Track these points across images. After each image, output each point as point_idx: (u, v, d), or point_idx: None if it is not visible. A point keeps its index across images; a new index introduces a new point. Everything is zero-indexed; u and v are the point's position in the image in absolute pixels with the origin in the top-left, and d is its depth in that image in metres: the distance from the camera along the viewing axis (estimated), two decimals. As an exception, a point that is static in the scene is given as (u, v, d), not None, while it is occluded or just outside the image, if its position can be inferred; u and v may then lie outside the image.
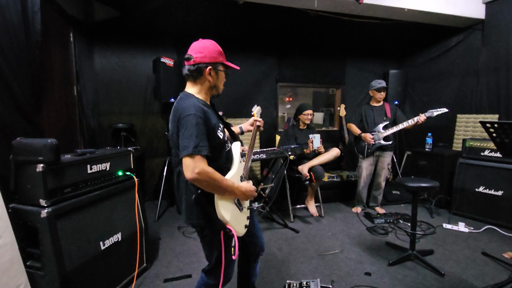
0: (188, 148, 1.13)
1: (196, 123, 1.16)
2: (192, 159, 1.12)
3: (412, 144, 4.56)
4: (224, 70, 1.38)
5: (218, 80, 1.36)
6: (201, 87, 1.33)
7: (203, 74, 1.30)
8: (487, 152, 3.26)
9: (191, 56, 1.29)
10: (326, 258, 2.42)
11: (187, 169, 1.12)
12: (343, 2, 3.00)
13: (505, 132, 1.72)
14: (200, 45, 1.33)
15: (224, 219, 1.21)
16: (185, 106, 1.21)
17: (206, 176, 1.13)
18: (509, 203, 2.99)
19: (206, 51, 1.31)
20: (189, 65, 1.30)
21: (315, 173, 3.04)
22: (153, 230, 2.90)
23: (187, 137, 1.14)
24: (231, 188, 1.23)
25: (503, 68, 3.53)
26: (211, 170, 1.15)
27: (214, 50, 1.33)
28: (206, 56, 1.29)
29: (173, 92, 3.46)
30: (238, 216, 1.31)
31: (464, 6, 3.55)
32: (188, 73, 1.32)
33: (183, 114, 1.19)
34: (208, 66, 1.29)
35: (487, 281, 2.06)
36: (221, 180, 1.18)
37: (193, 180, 1.13)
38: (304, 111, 3.32)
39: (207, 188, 1.17)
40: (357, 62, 4.81)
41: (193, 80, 1.33)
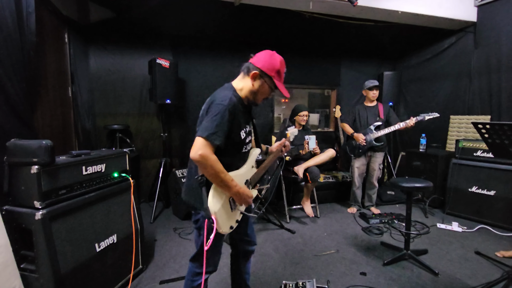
0: (205, 131, 1.19)
1: (223, 114, 1.22)
2: (203, 141, 1.18)
3: (406, 145, 4.62)
4: (269, 86, 1.38)
5: (258, 89, 1.37)
6: (245, 85, 1.38)
7: (249, 74, 1.35)
8: (479, 152, 3.31)
9: (252, 56, 1.40)
10: (322, 259, 2.43)
11: (194, 147, 1.18)
12: (338, 4, 3.03)
13: (497, 133, 1.75)
14: (266, 53, 1.39)
15: (211, 208, 1.23)
16: (222, 95, 1.28)
17: (206, 161, 1.17)
18: (501, 203, 3.04)
19: (265, 59, 1.36)
20: (248, 62, 1.39)
21: (310, 174, 3.06)
22: (148, 232, 2.88)
23: (210, 122, 1.21)
24: (227, 182, 1.25)
25: (494, 70, 3.59)
26: (214, 158, 1.19)
27: (272, 64, 1.35)
28: (260, 62, 1.35)
29: (169, 93, 3.45)
30: (227, 213, 1.33)
31: (457, 9, 3.60)
32: (242, 67, 1.41)
33: (216, 101, 1.26)
34: (257, 70, 1.34)
35: (480, 279, 2.09)
36: (219, 171, 1.22)
37: (194, 159, 1.18)
38: (299, 112, 3.34)
39: (205, 173, 1.22)
40: (352, 64, 4.86)
41: (243, 76, 1.40)
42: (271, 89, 1.39)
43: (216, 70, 4.17)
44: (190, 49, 4.03)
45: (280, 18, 3.46)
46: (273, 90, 1.40)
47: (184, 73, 4.00)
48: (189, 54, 4.03)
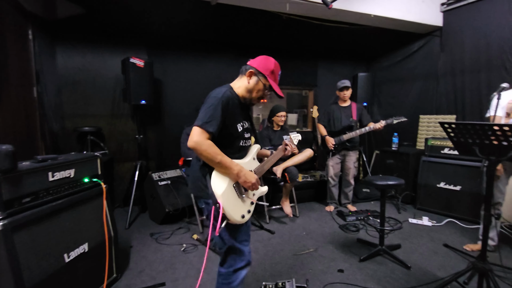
0: (199, 120, 1.30)
1: (216, 105, 1.32)
2: (198, 129, 1.28)
3: (380, 144, 4.79)
4: (264, 84, 1.47)
5: (254, 87, 1.47)
6: (241, 84, 1.48)
7: (245, 74, 1.47)
8: (446, 150, 3.51)
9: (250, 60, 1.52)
10: (301, 258, 2.46)
11: (191, 136, 1.28)
12: (313, 6, 3.08)
13: (461, 132, 1.85)
14: (261, 56, 1.51)
15: (215, 191, 1.30)
16: (217, 91, 1.39)
17: (201, 146, 1.26)
18: (466, 197, 3.23)
19: (260, 60, 1.48)
20: (246, 65, 1.50)
21: (289, 174, 3.09)
22: (123, 238, 2.77)
23: (204, 112, 1.31)
24: (226, 163, 1.32)
25: (458, 73, 3.82)
26: (208, 143, 1.28)
27: (268, 65, 1.47)
28: (256, 62, 1.48)
29: (144, 94, 3.34)
30: (235, 200, 1.38)
31: (424, 14, 3.80)
32: (240, 70, 1.51)
33: (212, 94, 1.38)
34: (252, 69, 1.45)
35: (448, 271, 2.21)
36: (216, 154, 1.29)
37: (192, 147, 1.27)
38: (277, 112, 3.36)
39: (203, 159, 1.31)
40: (329, 65, 4.97)
41: (239, 77, 1.51)
42: (265, 87, 1.48)
43: (194, 70, 4.10)
44: (166, 49, 3.92)
45: (258, 19, 3.46)
46: (267, 88, 1.48)
47: (160, 73, 3.89)
48: (165, 54, 3.93)
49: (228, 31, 3.92)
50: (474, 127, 1.76)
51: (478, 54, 3.58)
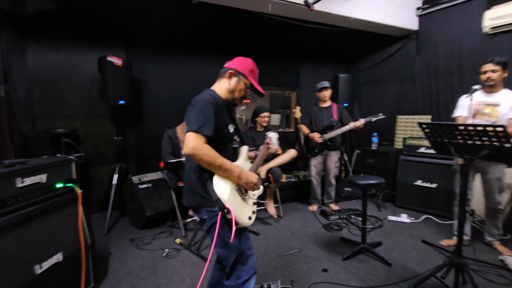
0: (193, 125, 1.26)
1: (207, 107, 1.29)
2: (193, 134, 1.24)
3: (360, 144, 4.91)
4: (245, 83, 1.47)
5: (235, 87, 1.46)
6: (223, 86, 1.47)
7: (225, 76, 1.46)
8: (423, 149, 3.65)
9: (226, 62, 1.51)
10: (285, 258, 2.46)
11: (186, 143, 1.24)
12: (295, 7, 3.10)
13: (437, 132, 1.92)
14: (238, 57, 1.51)
15: (221, 197, 1.26)
16: (204, 94, 1.36)
17: (199, 151, 1.23)
18: (442, 194, 3.37)
19: (237, 61, 1.49)
20: (224, 67, 1.49)
21: (273, 175, 3.08)
22: (101, 245, 2.65)
23: (196, 117, 1.27)
24: (226, 166, 1.30)
25: (433, 75, 3.99)
26: (206, 147, 1.25)
27: (246, 64, 1.48)
28: (234, 63, 1.48)
29: (123, 93, 3.22)
30: (240, 203, 1.36)
31: (401, 17, 3.93)
32: (219, 73, 1.50)
33: (198, 99, 1.34)
34: (231, 70, 1.45)
35: (427, 266, 2.29)
36: (215, 157, 1.26)
37: (189, 154, 1.23)
38: (261, 113, 3.35)
39: (203, 164, 1.27)
40: (311, 66, 5.03)
41: (220, 79, 1.49)
42: (246, 86, 1.48)
43: (175, 70, 4.01)
44: (146, 47, 3.80)
45: (240, 18, 3.44)
46: (248, 87, 1.49)
47: (140, 72, 3.77)
48: (145, 52, 3.81)
49: (210, 30, 3.86)
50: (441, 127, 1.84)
51: (451, 57, 3.75)
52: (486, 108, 2.46)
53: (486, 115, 2.46)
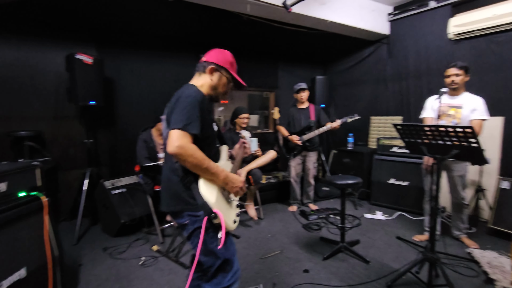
0: (178, 122, 1.17)
1: (193, 105, 1.22)
2: (179, 133, 1.15)
3: (337, 144, 5.03)
4: (227, 77, 1.42)
5: (218, 83, 1.40)
6: (204, 82, 1.39)
7: (206, 71, 1.38)
8: (395, 148, 3.81)
9: (203, 56, 1.42)
10: (267, 261, 2.44)
11: (171, 141, 1.15)
12: (274, 9, 3.10)
13: (411, 132, 2.01)
14: (216, 50, 1.43)
15: (208, 201, 1.20)
16: (189, 91, 1.28)
17: (186, 151, 1.14)
18: (413, 192, 3.53)
19: (217, 54, 1.41)
20: (200, 61, 1.42)
21: (253, 177, 3.06)
22: (71, 256, 2.48)
23: (181, 114, 1.19)
24: (213, 169, 1.24)
25: (404, 77, 4.18)
26: (193, 147, 1.17)
27: (225, 57, 1.42)
28: (214, 57, 1.40)
29: (93, 93, 3.04)
30: (225, 206, 1.31)
31: (374, 22, 4.08)
32: (197, 67, 1.42)
33: (184, 94, 1.25)
34: (212, 65, 1.37)
35: (402, 262, 2.38)
36: (202, 159, 1.19)
37: (173, 153, 1.15)
38: (240, 114, 3.32)
39: (188, 165, 1.18)
40: (289, 67, 5.08)
41: (199, 74, 1.41)
42: (228, 81, 1.43)
43: (151, 69, 3.86)
44: (119, 45, 3.63)
45: (218, 18, 3.38)
46: (230, 82, 1.44)
47: (113, 71, 3.58)
48: (118, 50, 3.63)
49: (188, 29, 3.76)
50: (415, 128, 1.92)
51: (420, 61, 3.95)
52: (450, 110, 2.61)
53: (450, 116, 2.61)
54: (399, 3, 4.10)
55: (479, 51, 3.32)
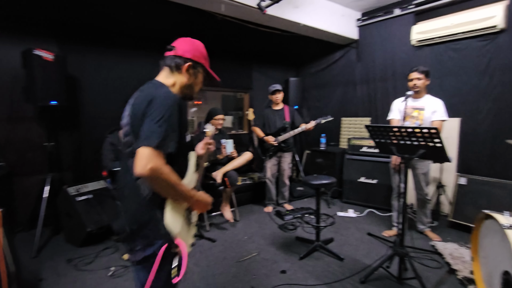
0: (152, 138, 0.95)
1: (172, 113, 1.02)
2: (152, 153, 0.94)
3: (310, 144, 5.14)
4: (203, 75, 1.28)
5: (194, 81, 1.24)
6: (177, 80, 1.20)
7: (181, 68, 1.19)
8: (365, 148, 3.98)
9: (173, 47, 1.21)
10: (244, 264, 2.42)
11: (141, 161, 0.93)
12: (248, 10, 3.09)
13: (381, 133, 2.10)
14: (188, 41, 1.26)
15: (172, 230, 1.03)
16: (163, 93, 1.06)
17: (160, 175, 0.95)
18: (382, 189, 3.71)
19: (191, 48, 1.24)
20: (170, 55, 1.20)
21: (229, 179, 3.03)
22: (30, 270, 2.26)
23: (157, 126, 0.97)
24: (185, 193, 1.07)
25: (371, 80, 4.38)
26: (168, 170, 0.98)
27: (200, 51, 1.26)
28: (189, 52, 1.21)
29: (55, 93, 2.82)
30: (185, 230, 1.15)
31: (344, 27, 4.23)
32: (166, 63, 1.20)
33: (159, 98, 1.03)
34: (188, 62, 1.20)
35: (373, 257, 2.49)
36: (176, 184, 1.02)
37: (143, 176, 0.94)
38: (215, 115, 3.26)
39: (160, 189, 1.01)
40: (263, 69, 5.11)
41: (170, 71, 1.20)
42: (203, 78, 1.30)
43: (119, 67, 3.65)
44: (83, 41, 3.39)
45: (192, 16, 3.29)
46: (205, 79, 1.32)
47: (77, 69, 3.34)
48: (82, 47, 3.39)
49: (159, 26, 3.62)
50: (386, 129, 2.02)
51: (386, 65, 4.17)
52: (414, 112, 2.78)
53: (414, 118, 2.78)
54: (367, 9, 4.30)
55: (439, 57, 3.58)
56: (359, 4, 4.11)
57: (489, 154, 3.20)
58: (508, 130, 2.99)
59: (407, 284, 2.08)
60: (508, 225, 1.53)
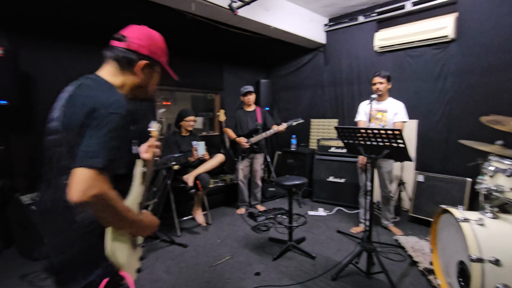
0: (96, 158, 0.77)
1: (122, 128, 0.85)
2: (95, 175, 0.77)
3: (281, 145, 5.22)
4: (159, 73, 1.10)
5: (150, 82, 1.06)
6: (126, 81, 1.01)
7: (134, 67, 0.99)
8: (333, 148, 4.13)
9: (125, 38, 0.99)
10: (217, 268, 2.38)
11: (80, 186, 0.76)
12: (220, 10, 3.06)
13: (350, 134, 2.20)
14: (144, 32, 1.04)
15: (118, 262, 0.89)
16: (113, 102, 0.86)
17: (106, 201, 0.80)
18: (349, 188, 3.88)
19: (149, 41, 1.03)
20: (120, 47, 0.98)
21: (201, 181, 2.96)
22: (-25, 290, 2.02)
23: (104, 141, 0.80)
24: (132, 219, 0.92)
25: (338, 83, 4.57)
26: (114, 195, 0.82)
27: (159, 45, 1.06)
28: (145, 47, 1.01)
29: (5, 91, 2.54)
30: (131, 257, 1.01)
31: (312, 31, 4.36)
32: (114, 56, 0.98)
33: (106, 107, 0.83)
34: (145, 60, 1.00)
35: (343, 254, 2.58)
36: (124, 211, 0.86)
37: (84, 202, 0.76)
38: (186, 117, 3.18)
39: (101, 217, 0.84)
40: (234, 70, 5.08)
41: (120, 69, 0.99)
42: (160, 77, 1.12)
43: (78, 64, 3.37)
44: (38, 36, 3.10)
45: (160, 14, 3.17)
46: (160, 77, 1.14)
47: (31, 66, 3.04)
48: (37, 42, 3.09)
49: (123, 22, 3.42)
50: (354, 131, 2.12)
51: (351, 70, 4.37)
52: (378, 114, 2.95)
53: (378, 119, 2.95)
54: (334, 15, 4.47)
55: (399, 63, 3.83)
56: (326, 10, 4.26)
57: (443, 152, 3.49)
58: (460, 131, 3.29)
59: (375, 279, 2.19)
60: (462, 219, 1.68)
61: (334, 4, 4.04)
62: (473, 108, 3.17)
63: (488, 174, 1.88)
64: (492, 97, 3.07)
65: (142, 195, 1.12)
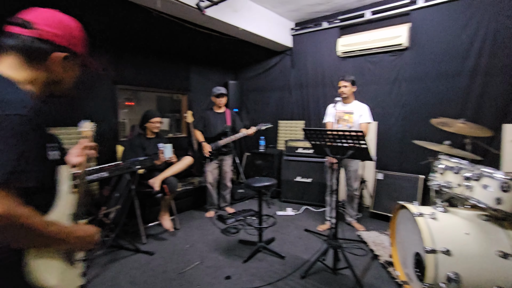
0: None
1: (24, 131, 0.70)
2: None
3: (249, 147, 5.24)
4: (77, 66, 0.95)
5: (68, 76, 0.92)
6: (37, 75, 0.84)
7: (47, 60, 0.83)
8: (300, 149, 4.25)
9: (31, 25, 0.79)
10: (187, 275, 2.31)
11: None
12: (187, 9, 2.98)
13: (317, 136, 2.27)
14: (56, 17, 0.85)
15: (48, 284, 0.78)
16: (15, 102, 0.71)
17: (19, 219, 0.67)
18: (316, 187, 4.01)
19: (64, 29, 0.86)
20: (26, 36, 0.79)
21: (169, 185, 2.86)
22: None
23: (4, 151, 0.66)
24: (60, 235, 0.80)
25: (304, 86, 4.71)
26: (24, 212, 0.68)
27: (76, 34, 0.90)
28: (61, 36, 0.84)
29: None
30: (67, 275, 0.89)
31: (279, 34, 4.44)
32: (16, 46, 0.80)
33: (7, 109, 0.69)
34: (61, 51, 0.85)
35: (311, 251, 2.66)
36: (43, 227, 0.74)
37: None
38: (151, 118, 3.04)
39: (15, 241, 0.72)
40: (201, 70, 4.98)
41: (26, 62, 0.81)
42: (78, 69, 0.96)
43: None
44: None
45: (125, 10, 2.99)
46: None
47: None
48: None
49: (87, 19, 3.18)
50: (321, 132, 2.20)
51: (316, 73, 4.53)
52: (345, 116, 3.11)
53: (345, 121, 3.10)
54: (300, 20, 4.60)
55: (360, 68, 4.05)
56: (292, 14, 4.37)
57: (399, 152, 3.77)
58: (414, 132, 3.57)
59: (341, 274, 2.29)
60: (418, 213, 1.82)
61: (300, 9, 4.16)
62: (425, 111, 3.46)
63: (439, 172, 2.07)
64: (441, 101, 3.39)
65: (76, 204, 1.02)
